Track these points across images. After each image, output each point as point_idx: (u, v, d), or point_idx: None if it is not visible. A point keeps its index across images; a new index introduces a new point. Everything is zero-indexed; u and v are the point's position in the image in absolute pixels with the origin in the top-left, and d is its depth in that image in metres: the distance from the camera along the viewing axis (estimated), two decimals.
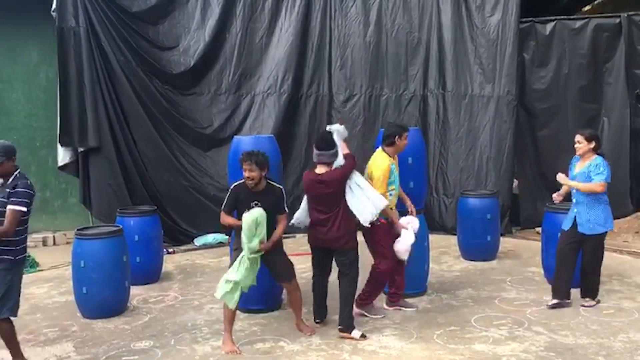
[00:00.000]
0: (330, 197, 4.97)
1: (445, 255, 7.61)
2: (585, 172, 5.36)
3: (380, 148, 5.43)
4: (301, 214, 5.27)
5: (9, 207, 4.20)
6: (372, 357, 4.59)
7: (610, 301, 5.67)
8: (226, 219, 4.92)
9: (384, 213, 5.18)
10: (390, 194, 5.29)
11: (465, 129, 9.03)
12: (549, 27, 8.94)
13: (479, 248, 7.34)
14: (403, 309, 5.59)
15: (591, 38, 8.86)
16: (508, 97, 8.76)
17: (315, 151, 5.12)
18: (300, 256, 6.47)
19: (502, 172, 8.85)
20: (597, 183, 5.27)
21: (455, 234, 7.85)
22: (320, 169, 5.03)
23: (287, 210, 4.96)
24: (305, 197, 5.31)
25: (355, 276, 5.09)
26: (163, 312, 5.80)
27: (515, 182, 9.24)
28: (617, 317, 5.30)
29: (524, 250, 7.77)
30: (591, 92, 8.97)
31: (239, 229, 4.77)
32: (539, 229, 7.50)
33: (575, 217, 5.44)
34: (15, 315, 4.37)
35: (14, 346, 4.42)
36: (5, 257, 4.26)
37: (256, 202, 4.78)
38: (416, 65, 9.22)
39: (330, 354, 4.67)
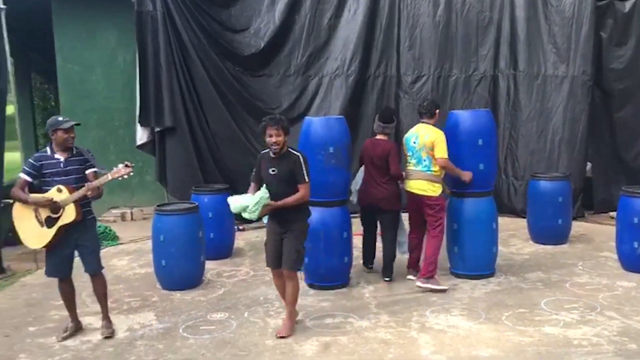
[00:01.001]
0: (382, 160, 5.81)
1: (514, 238, 7.54)
2: None
3: (422, 124, 5.83)
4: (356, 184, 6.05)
5: (95, 170, 4.76)
6: (439, 335, 4.66)
7: None
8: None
9: (441, 181, 5.74)
10: None
11: (537, 110, 8.83)
12: (629, 4, 8.58)
13: (549, 231, 7.22)
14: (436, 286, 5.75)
15: None
16: (583, 77, 8.51)
17: (379, 123, 6.00)
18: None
19: (575, 154, 8.63)
20: None
21: (524, 217, 7.75)
22: (380, 137, 5.99)
23: (307, 180, 4.70)
24: (360, 171, 6.12)
25: (394, 235, 5.98)
26: (236, 286, 6.04)
27: (589, 165, 8.98)
28: None
29: (597, 235, 7.59)
30: None
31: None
32: (613, 214, 7.31)
33: None
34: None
35: (106, 303, 4.93)
36: (94, 216, 4.87)
37: (273, 168, 4.73)
38: (487, 45, 9.07)
39: (398, 331, 4.77)
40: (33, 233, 4.64)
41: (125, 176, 4.71)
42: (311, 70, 9.30)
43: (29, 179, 4.64)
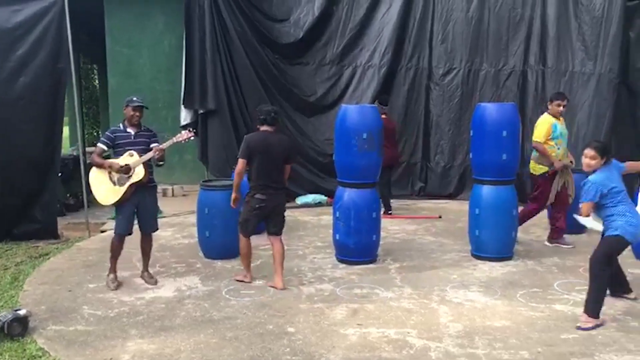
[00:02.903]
0: (393, 132, 8.41)
1: (535, 227, 7.87)
2: None
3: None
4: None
5: (157, 145, 5.49)
6: (458, 307, 5.11)
7: None
8: None
9: (547, 161, 6.67)
10: (558, 148, 6.72)
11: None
12: None
13: (568, 221, 7.50)
14: (562, 245, 6.89)
15: None
16: (610, 75, 8.80)
17: (381, 106, 7.94)
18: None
19: None
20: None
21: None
22: (384, 116, 7.82)
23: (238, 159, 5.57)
24: None
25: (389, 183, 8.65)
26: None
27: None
28: None
29: None
30: None
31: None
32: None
33: None
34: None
35: (149, 259, 5.83)
36: (156, 184, 5.73)
37: None
38: (517, 41, 9.41)
39: (420, 302, 5.23)
40: (107, 191, 5.44)
41: (187, 140, 5.61)
42: (345, 60, 9.75)
43: (105, 147, 5.50)
